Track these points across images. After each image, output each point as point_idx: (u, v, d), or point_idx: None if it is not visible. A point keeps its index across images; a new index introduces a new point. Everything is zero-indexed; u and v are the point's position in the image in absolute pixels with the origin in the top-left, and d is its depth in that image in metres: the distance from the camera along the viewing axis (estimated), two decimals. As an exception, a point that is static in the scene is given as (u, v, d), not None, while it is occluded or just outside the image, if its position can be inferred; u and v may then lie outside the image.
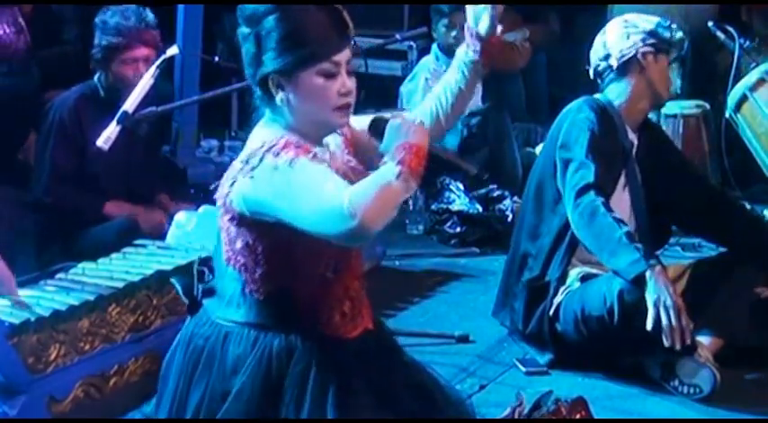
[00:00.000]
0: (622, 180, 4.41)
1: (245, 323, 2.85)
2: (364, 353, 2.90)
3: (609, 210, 4.14)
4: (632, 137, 4.45)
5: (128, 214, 4.87)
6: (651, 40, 4.40)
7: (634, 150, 4.45)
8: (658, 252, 4.62)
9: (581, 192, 4.18)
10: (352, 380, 2.83)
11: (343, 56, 2.79)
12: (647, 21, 4.46)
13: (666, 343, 3.91)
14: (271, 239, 2.76)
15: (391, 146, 2.70)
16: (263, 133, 2.83)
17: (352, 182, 2.73)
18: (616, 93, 4.44)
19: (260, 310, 2.84)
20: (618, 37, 4.42)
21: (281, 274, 2.81)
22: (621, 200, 4.40)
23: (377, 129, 2.81)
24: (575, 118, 4.36)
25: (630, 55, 4.39)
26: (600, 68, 4.46)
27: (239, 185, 2.75)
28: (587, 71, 4.54)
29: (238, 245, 2.81)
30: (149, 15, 4.87)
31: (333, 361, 2.83)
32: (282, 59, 2.76)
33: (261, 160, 2.72)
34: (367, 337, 2.94)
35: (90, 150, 4.71)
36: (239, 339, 2.84)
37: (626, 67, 4.41)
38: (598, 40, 4.49)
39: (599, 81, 4.50)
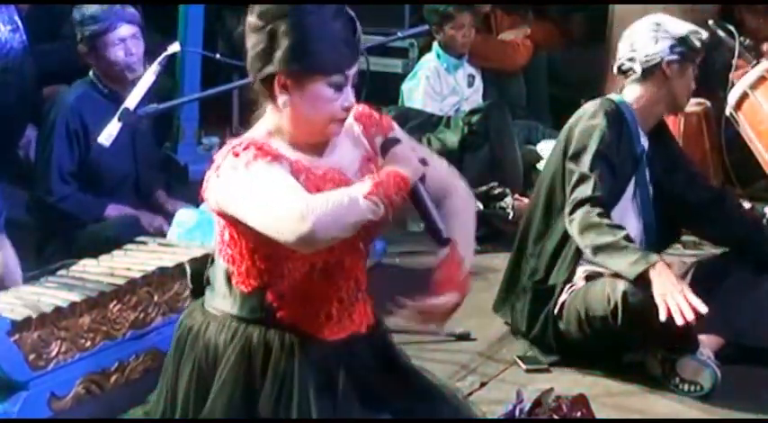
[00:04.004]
0: (632, 185, 4.40)
1: (228, 314, 2.86)
2: (349, 356, 2.88)
3: (606, 217, 4.14)
4: (644, 140, 4.44)
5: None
6: (679, 49, 4.34)
7: (645, 154, 4.44)
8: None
9: (576, 206, 4.20)
10: (334, 382, 2.83)
11: (353, 69, 2.78)
12: (678, 26, 4.39)
13: (679, 322, 3.88)
14: (254, 236, 2.75)
15: (384, 168, 2.72)
16: (250, 133, 2.84)
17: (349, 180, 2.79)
18: (635, 95, 4.40)
19: (244, 303, 2.85)
20: (646, 40, 4.36)
21: (266, 271, 2.81)
22: (630, 204, 4.40)
23: (384, 148, 2.83)
24: (586, 125, 4.34)
25: (655, 61, 4.35)
26: (624, 67, 4.43)
27: (210, 184, 2.76)
28: (613, 68, 4.50)
29: (226, 237, 2.83)
30: None
31: (311, 361, 2.82)
32: (298, 63, 2.72)
33: (224, 160, 2.73)
34: (355, 341, 2.91)
35: (94, 145, 4.72)
36: (221, 328, 2.86)
37: (649, 72, 4.36)
38: (626, 37, 4.44)
39: (621, 78, 4.47)
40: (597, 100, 4.46)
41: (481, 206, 6.01)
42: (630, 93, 4.42)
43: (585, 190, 4.19)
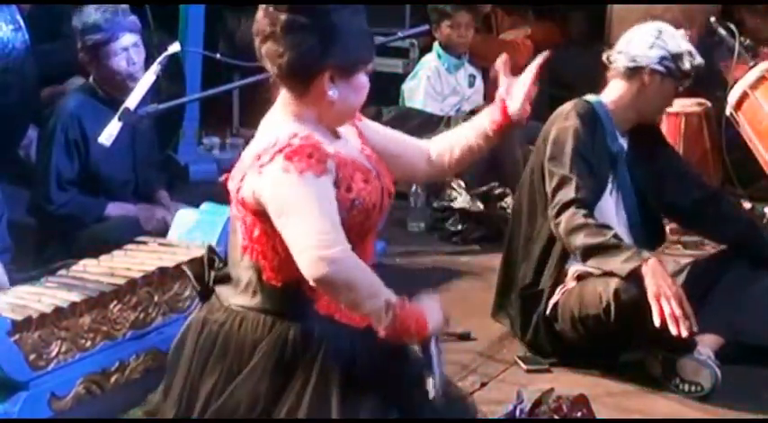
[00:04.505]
0: (611, 184, 4.40)
1: (261, 310, 2.86)
2: (373, 340, 2.87)
3: (591, 218, 4.15)
4: (622, 141, 4.44)
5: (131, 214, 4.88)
6: (668, 63, 4.32)
7: (624, 154, 4.44)
8: (658, 250, 4.65)
9: (561, 209, 4.19)
10: (360, 368, 2.85)
11: None
12: (677, 43, 4.36)
13: (674, 332, 3.89)
14: None
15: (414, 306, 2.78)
16: (277, 125, 2.85)
17: (369, 167, 2.88)
18: (612, 94, 4.42)
19: (277, 297, 2.85)
20: (642, 42, 4.37)
21: None
22: (611, 204, 4.40)
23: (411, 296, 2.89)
24: (560, 126, 4.35)
25: (640, 65, 4.35)
26: (611, 58, 4.44)
27: (249, 180, 2.78)
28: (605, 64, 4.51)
29: (256, 233, 2.83)
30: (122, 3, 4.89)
31: (345, 349, 2.84)
32: (352, 55, 2.82)
33: (271, 159, 2.74)
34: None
35: (94, 150, 4.73)
36: (255, 325, 2.86)
37: (631, 73, 4.37)
38: (628, 33, 4.46)
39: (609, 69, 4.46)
40: (572, 101, 4.46)
41: (481, 206, 6.02)
42: (609, 91, 4.43)
43: (568, 192, 4.20)
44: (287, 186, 2.72)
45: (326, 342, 2.83)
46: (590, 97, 4.46)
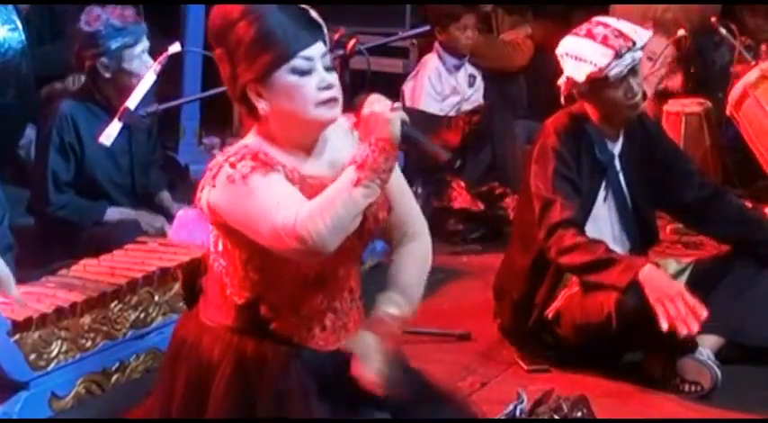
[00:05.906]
0: (602, 192, 4.39)
1: (223, 325, 2.85)
2: (346, 365, 2.82)
3: (579, 236, 4.14)
4: (612, 146, 4.41)
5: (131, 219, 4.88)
6: (582, 71, 4.23)
7: (617, 159, 4.42)
8: (656, 250, 4.65)
9: (549, 233, 4.18)
10: (332, 393, 2.81)
11: (316, 50, 2.75)
12: (584, 52, 4.24)
13: (683, 331, 3.89)
14: (247, 246, 2.75)
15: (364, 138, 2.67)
16: (243, 140, 2.83)
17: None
18: (586, 106, 4.40)
19: (238, 314, 2.82)
20: (562, 64, 4.34)
21: (260, 282, 2.79)
22: (605, 210, 4.39)
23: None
24: (541, 144, 4.34)
25: (570, 87, 4.32)
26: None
27: (206, 193, 2.75)
28: None
29: (220, 247, 2.81)
30: (130, 8, 4.89)
31: (307, 373, 2.80)
32: (253, 64, 2.72)
33: (219, 169, 2.72)
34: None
35: (89, 153, 4.74)
36: (215, 341, 2.83)
37: (576, 93, 4.34)
38: None
39: None
40: (554, 115, 4.44)
41: (482, 206, 6.02)
42: (586, 105, 4.42)
43: (553, 215, 4.19)
44: (235, 194, 2.68)
45: (292, 364, 2.79)
46: (574, 108, 4.42)
